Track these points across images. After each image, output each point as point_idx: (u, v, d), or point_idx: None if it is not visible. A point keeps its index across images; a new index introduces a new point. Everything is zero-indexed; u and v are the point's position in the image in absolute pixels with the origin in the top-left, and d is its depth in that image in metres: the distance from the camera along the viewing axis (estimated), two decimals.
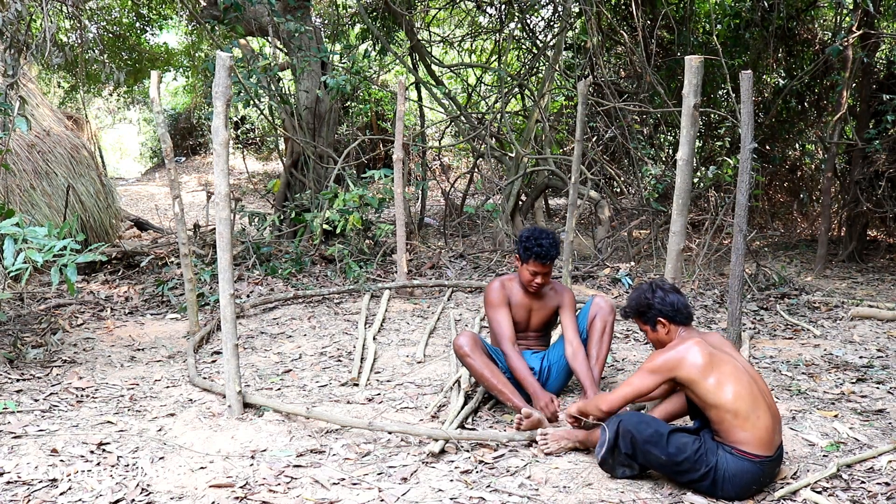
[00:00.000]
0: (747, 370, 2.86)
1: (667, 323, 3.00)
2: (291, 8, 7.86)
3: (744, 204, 4.23)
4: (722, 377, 2.76)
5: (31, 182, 6.95)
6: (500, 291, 3.80)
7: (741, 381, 2.77)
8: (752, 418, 2.74)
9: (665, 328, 3.01)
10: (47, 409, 3.67)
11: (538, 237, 3.68)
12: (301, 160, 8.32)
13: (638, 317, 3.09)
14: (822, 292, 6.50)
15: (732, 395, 2.74)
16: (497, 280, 3.87)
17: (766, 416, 2.77)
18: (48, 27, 5.22)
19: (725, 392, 2.74)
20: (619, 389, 2.99)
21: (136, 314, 5.60)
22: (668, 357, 2.85)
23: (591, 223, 8.81)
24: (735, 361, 2.85)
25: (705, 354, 2.80)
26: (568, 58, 9.55)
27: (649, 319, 3.04)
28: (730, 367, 2.80)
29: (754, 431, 2.74)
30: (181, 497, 2.76)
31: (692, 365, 2.79)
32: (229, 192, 3.53)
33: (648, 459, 2.87)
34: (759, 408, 2.76)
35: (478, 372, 3.59)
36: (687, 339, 2.88)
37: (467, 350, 3.60)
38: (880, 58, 8.70)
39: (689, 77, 3.54)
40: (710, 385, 2.76)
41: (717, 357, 2.81)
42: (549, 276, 3.77)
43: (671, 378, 2.85)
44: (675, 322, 3.00)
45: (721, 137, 9.77)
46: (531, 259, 3.68)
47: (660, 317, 3.00)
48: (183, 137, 18.81)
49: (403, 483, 2.88)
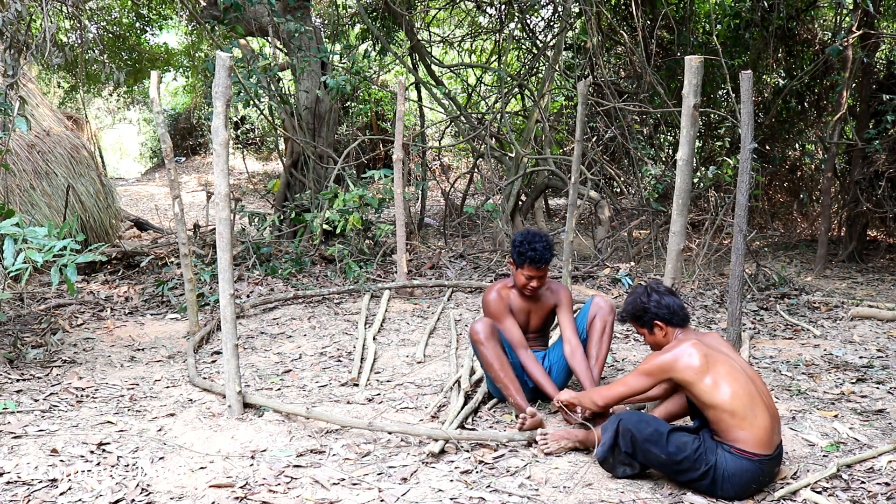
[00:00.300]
0: (744, 370, 2.86)
1: (664, 325, 3.03)
2: (291, 8, 7.86)
3: (744, 204, 4.23)
4: (718, 377, 2.77)
5: (31, 182, 6.95)
6: (499, 302, 3.77)
7: (738, 381, 2.78)
8: (750, 417, 2.74)
9: (662, 331, 3.04)
10: (47, 409, 3.67)
11: (532, 241, 3.64)
12: (301, 160, 8.32)
13: (634, 321, 3.11)
14: (822, 292, 6.50)
15: (729, 395, 2.74)
16: (493, 291, 3.82)
17: (765, 415, 2.77)
18: (48, 27, 5.22)
19: (722, 392, 2.75)
20: (615, 387, 3.02)
21: (136, 314, 5.60)
22: (663, 359, 2.87)
23: (591, 223, 8.80)
24: (732, 361, 2.86)
25: (701, 355, 2.81)
26: (568, 58, 9.56)
27: (646, 323, 3.06)
28: (726, 367, 2.81)
29: (752, 431, 2.74)
30: (181, 497, 2.76)
31: (687, 366, 2.80)
32: (229, 192, 3.53)
33: (648, 458, 2.87)
34: (756, 407, 2.76)
35: (488, 361, 3.58)
36: (683, 341, 2.90)
37: (482, 337, 3.59)
38: (880, 58, 8.71)
39: (689, 77, 3.55)
40: (707, 385, 2.77)
41: (713, 357, 2.82)
42: (544, 279, 3.75)
43: (667, 379, 2.87)
44: (671, 324, 3.02)
45: (721, 137, 9.77)
46: (526, 264, 3.66)
47: (656, 320, 3.03)
48: (183, 137, 18.81)
49: (403, 483, 2.89)
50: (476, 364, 4.31)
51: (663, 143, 9.59)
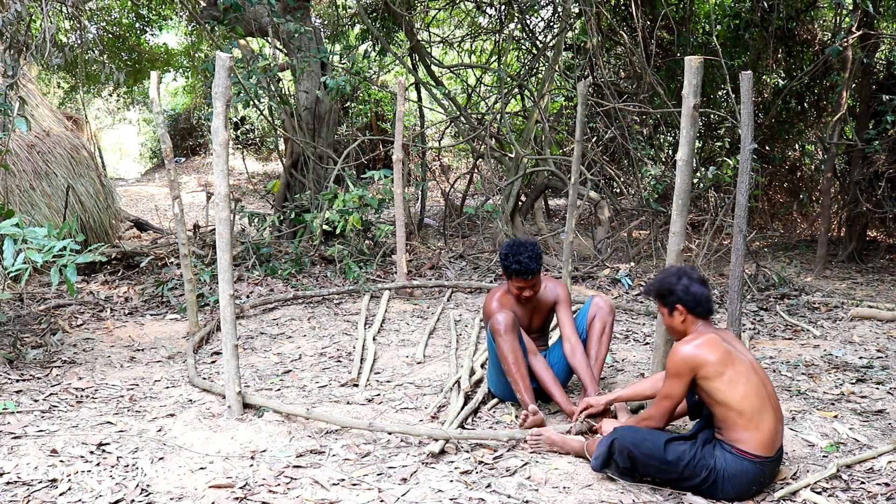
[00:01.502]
0: (757, 371, 2.84)
1: (684, 312, 2.94)
2: (291, 8, 7.86)
3: (744, 204, 4.23)
4: (736, 376, 2.75)
5: (31, 182, 6.95)
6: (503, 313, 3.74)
7: (751, 382, 2.76)
8: (757, 419, 2.74)
9: (682, 316, 2.95)
10: (47, 410, 3.67)
11: (517, 253, 3.60)
12: (301, 161, 8.32)
13: (658, 298, 3.03)
14: (822, 293, 6.50)
15: (741, 396, 2.73)
16: (494, 300, 3.79)
17: (772, 419, 2.77)
18: (48, 27, 5.22)
19: (736, 391, 2.73)
20: (659, 406, 2.90)
21: (135, 314, 5.59)
22: (685, 355, 2.79)
23: (590, 223, 8.80)
24: (749, 362, 2.84)
25: (723, 351, 2.77)
26: (568, 58, 9.55)
27: (668, 304, 2.98)
28: (744, 367, 2.78)
29: (757, 433, 2.74)
30: (181, 497, 2.76)
31: (707, 361, 2.75)
32: (229, 192, 3.53)
33: (648, 472, 2.87)
34: (765, 410, 2.75)
35: (503, 354, 3.56)
36: (702, 334, 2.84)
37: (502, 329, 3.56)
38: (880, 58, 8.71)
39: (689, 77, 3.54)
40: (724, 382, 2.74)
41: (734, 355, 2.79)
42: (538, 286, 3.72)
43: (695, 376, 2.79)
44: (693, 313, 2.94)
45: (721, 138, 9.77)
46: (513, 276, 3.65)
47: (678, 304, 2.94)
48: (183, 138, 18.80)
49: (403, 483, 2.88)
50: (476, 364, 4.31)
51: (663, 144, 9.59)
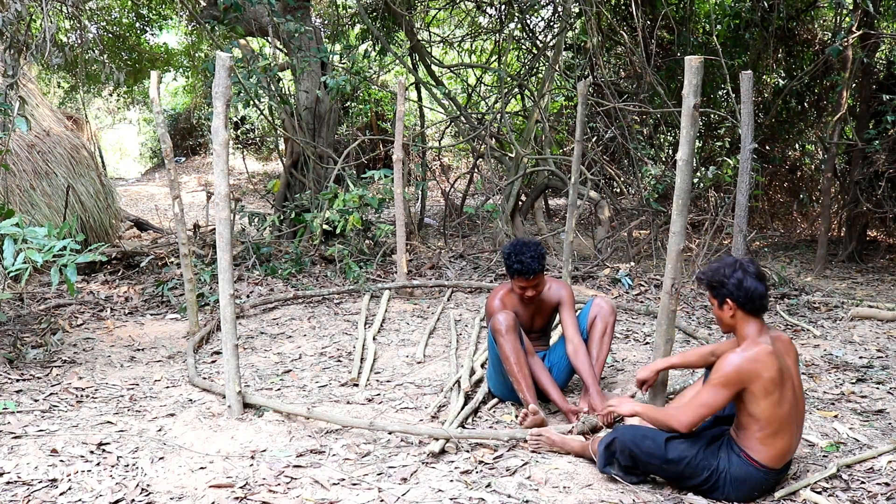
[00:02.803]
0: (796, 390, 2.77)
1: (734, 307, 2.80)
2: (291, 8, 7.86)
3: (744, 204, 4.23)
4: (782, 399, 2.69)
5: (31, 182, 6.95)
6: (503, 310, 3.74)
7: (788, 402, 2.71)
8: (777, 437, 2.72)
9: (731, 311, 2.81)
10: (47, 410, 3.67)
11: (519, 253, 3.60)
12: (301, 160, 8.32)
13: (710, 289, 2.90)
14: (822, 293, 6.50)
15: (775, 416, 2.69)
16: (496, 299, 3.80)
17: (790, 439, 2.75)
18: (48, 27, 5.22)
19: (774, 412, 2.69)
20: (693, 409, 2.77)
21: (135, 314, 5.59)
22: (741, 368, 2.67)
23: (591, 223, 8.80)
24: (794, 382, 2.77)
25: (777, 369, 2.67)
26: (568, 58, 9.56)
27: (718, 296, 2.85)
28: (789, 391, 2.71)
29: (772, 450, 2.73)
30: (181, 497, 2.76)
31: (764, 378, 2.66)
32: (229, 192, 3.53)
33: (650, 470, 2.87)
34: (788, 431, 2.73)
35: (504, 354, 3.56)
36: (759, 345, 2.72)
37: (503, 329, 3.56)
38: (880, 58, 8.71)
39: (689, 77, 3.54)
40: (768, 402, 2.67)
41: (784, 375, 2.70)
42: (541, 286, 3.72)
43: (743, 389, 2.69)
44: (743, 309, 2.79)
45: (721, 138, 9.77)
46: (516, 276, 3.65)
47: (729, 298, 2.80)
48: (183, 138, 18.81)
49: (403, 483, 2.88)
50: (476, 364, 4.31)
51: (663, 144, 9.60)
